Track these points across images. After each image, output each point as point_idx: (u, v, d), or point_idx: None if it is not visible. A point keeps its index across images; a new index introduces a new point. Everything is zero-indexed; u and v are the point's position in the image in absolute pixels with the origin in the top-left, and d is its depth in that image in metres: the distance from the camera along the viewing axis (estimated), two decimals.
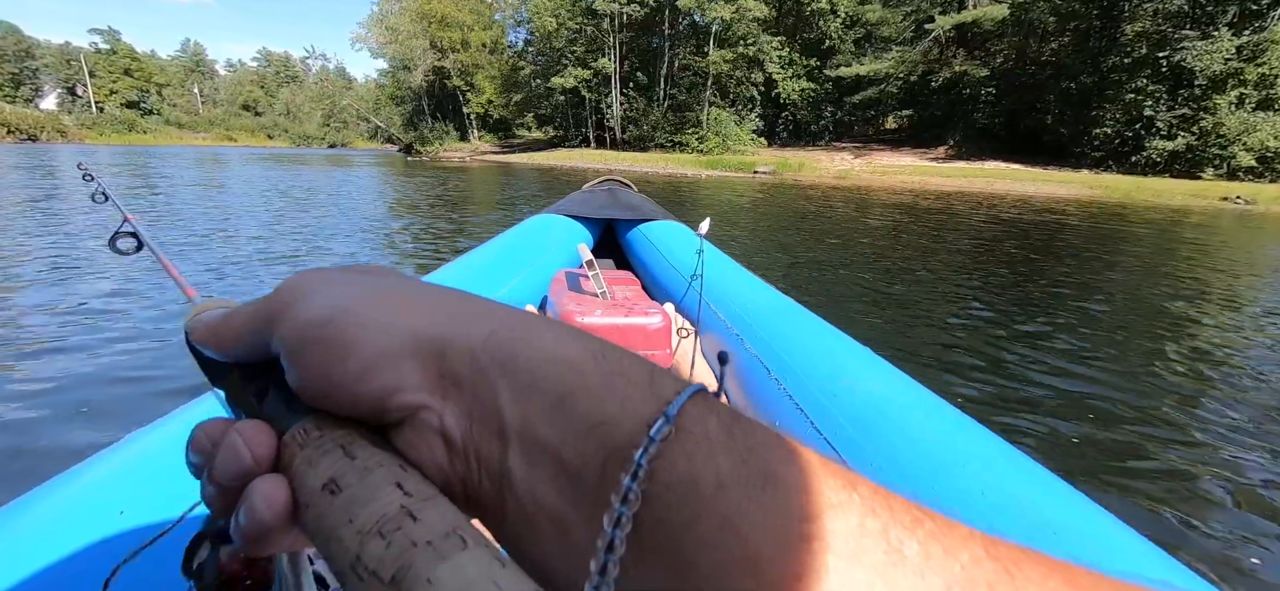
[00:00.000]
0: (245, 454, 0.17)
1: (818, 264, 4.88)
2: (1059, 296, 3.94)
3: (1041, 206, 11.51)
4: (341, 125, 65.56)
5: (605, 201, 2.50)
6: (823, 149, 28.62)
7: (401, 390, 0.17)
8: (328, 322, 0.18)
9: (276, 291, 0.20)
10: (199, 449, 0.19)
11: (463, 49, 38.88)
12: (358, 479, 0.16)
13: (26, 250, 3.76)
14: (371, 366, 0.17)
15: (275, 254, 4.31)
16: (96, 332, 2.38)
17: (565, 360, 0.17)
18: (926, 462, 0.68)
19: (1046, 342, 2.85)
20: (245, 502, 0.17)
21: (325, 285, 0.19)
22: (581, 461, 0.16)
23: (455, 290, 0.20)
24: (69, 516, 0.53)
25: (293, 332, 0.18)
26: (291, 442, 0.17)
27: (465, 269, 1.56)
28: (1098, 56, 22.04)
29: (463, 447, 0.17)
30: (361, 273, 0.21)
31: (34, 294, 2.87)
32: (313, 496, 0.16)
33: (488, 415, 0.17)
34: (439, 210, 7.83)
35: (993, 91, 25.38)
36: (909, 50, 27.17)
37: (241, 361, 0.21)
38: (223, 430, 0.18)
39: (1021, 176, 19.38)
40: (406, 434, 0.18)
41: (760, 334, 1.16)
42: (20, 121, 42.13)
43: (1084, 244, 6.69)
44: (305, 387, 0.18)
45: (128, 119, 64.29)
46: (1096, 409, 2.11)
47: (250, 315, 0.20)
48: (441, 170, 19.85)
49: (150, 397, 1.85)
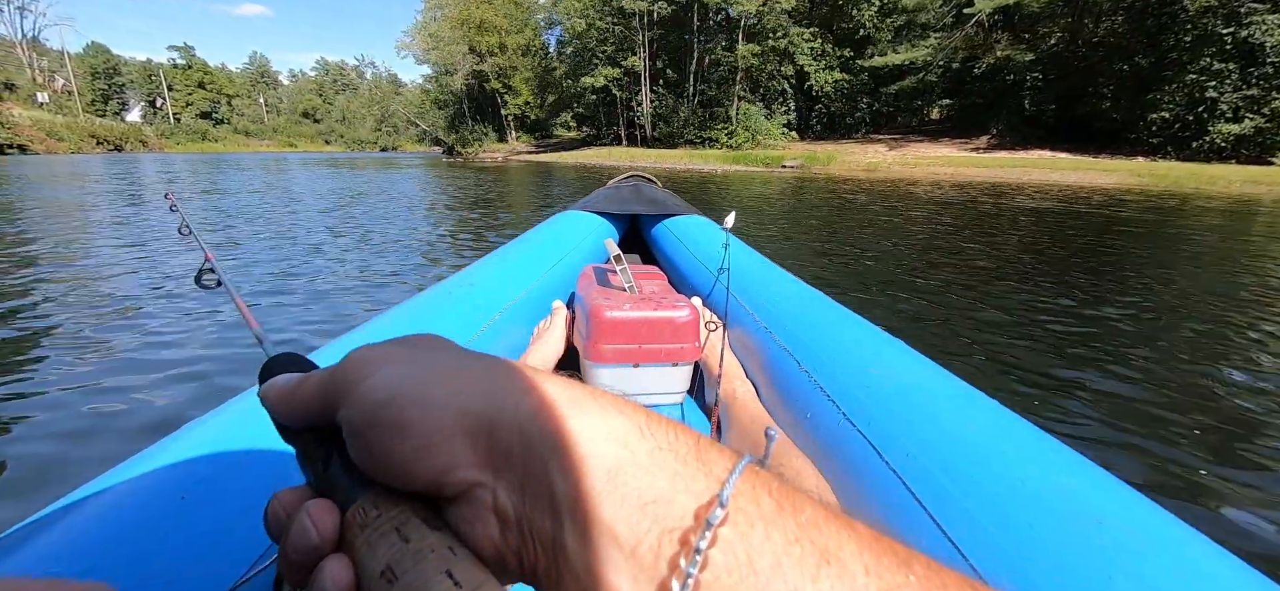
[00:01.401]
0: (313, 534, 0.18)
1: (830, 254, 4.85)
2: (1071, 292, 3.59)
3: (1066, 194, 10.85)
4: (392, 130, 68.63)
5: (630, 197, 2.48)
6: (858, 142, 27.83)
7: (455, 467, 0.18)
8: (387, 404, 0.19)
9: (341, 366, 0.21)
10: (274, 518, 0.20)
11: (500, 52, 39.91)
12: (413, 565, 0.17)
13: (113, 266, 3.97)
14: (427, 446, 0.18)
15: (330, 254, 4.61)
16: (161, 333, 2.55)
17: (613, 433, 0.18)
18: (963, 451, 0.66)
19: (1069, 342, 2.62)
20: (316, 582, 0.18)
21: (383, 363, 0.20)
22: (635, 538, 0.16)
23: (503, 361, 0.21)
24: (133, 500, 0.54)
25: (354, 413, 0.19)
26: (353, 521, 0.19)
27: (494, 266, 1.55)
28: (1156, 35, 20.52)
29: (516, 522, 0.18)
30: (416, 348, 0.21)
31: (109, 299, 3.09)
32: (372, 582, 0.17)
33: (539, 490, 0.17)
34: (470, 208, 8.18)
35: (1039, 77, 24.02)
36: (948, 36, 26.04)
37: (311, 426, 0.22)
38: (295, 502, 0.20)
39: (1062, 165, 18.30)
40: (461, 509, 0.18)
41: (789, 326, 1.13)
42: (108, 133, 46.19)
43: (1118, 234, 6.16)
44: (365, 464, 0.19)
45: (201, 129, 69.39)
46: (1152, 410, 1.96)
47: (316, 389, 0.21)
48: (478, 170, 20.49)
49: (212, 392, 1.99)
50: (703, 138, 29.66)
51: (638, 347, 1.14)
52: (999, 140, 24.38)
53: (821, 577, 0.14)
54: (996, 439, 0.68)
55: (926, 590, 0.14)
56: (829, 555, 0.15)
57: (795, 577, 0.14)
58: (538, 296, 1.47)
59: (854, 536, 0.15)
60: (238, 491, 0.57)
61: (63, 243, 4.77)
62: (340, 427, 0.20)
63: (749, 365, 1.21)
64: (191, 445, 0.61)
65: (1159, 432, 1.79)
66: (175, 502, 0.54)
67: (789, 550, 0.15)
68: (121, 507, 0.53)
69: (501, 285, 1.39)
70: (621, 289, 1.29)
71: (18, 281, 3.42)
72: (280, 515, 0.20)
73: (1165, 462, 1.63)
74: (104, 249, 4.49)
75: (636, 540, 0.16)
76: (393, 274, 3.91)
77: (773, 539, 0.15)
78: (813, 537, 0.15)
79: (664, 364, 1.16)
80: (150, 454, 0.61)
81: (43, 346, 2.43)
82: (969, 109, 26.70)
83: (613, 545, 0.16)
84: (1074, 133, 22.63)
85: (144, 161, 26.40)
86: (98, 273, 3.70)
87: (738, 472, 0.16)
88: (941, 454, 0.67)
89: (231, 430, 0.64)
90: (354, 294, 3.35)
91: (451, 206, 8.44)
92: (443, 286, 1.33)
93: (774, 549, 0.15)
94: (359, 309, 3.07)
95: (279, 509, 0.20)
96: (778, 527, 0.15)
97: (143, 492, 0.55)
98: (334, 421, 0.21)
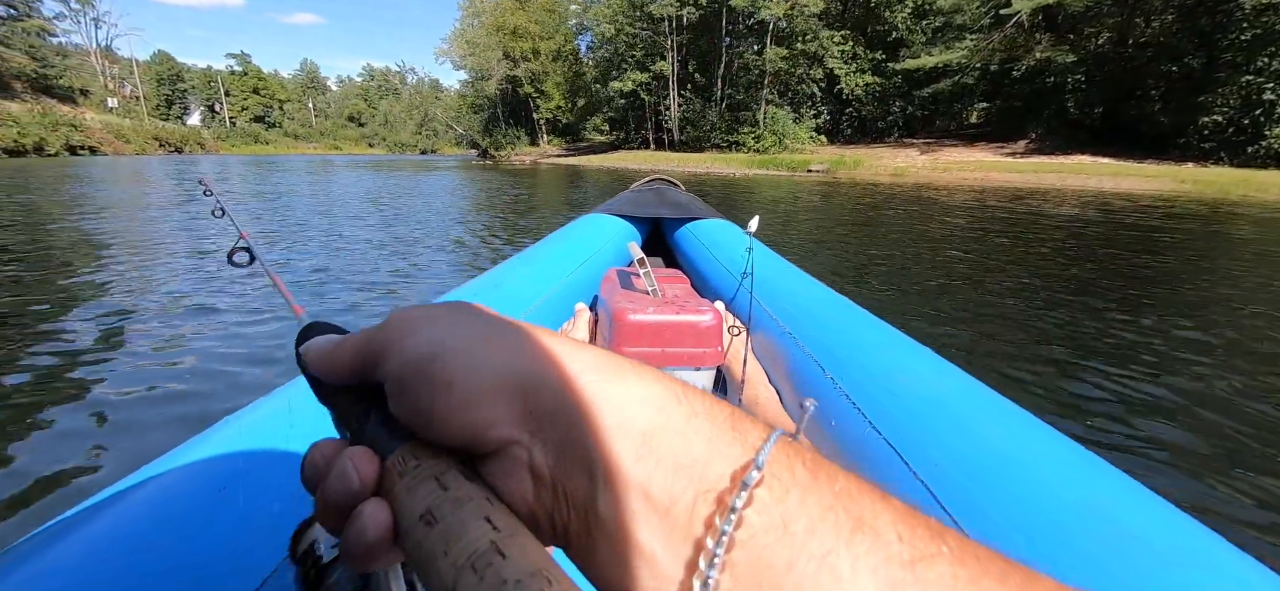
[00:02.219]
0: (353, 477, 0.19)
1: (832, 255, 4.90)
2: (1097, 299, 3.46)
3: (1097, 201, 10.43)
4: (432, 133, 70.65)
5: (652, 200, 2.47)
6: (889, 146, 27.28)
7: (495, 424, 0.18)
8: (433, 358, 0.19)
9: (384, 326, 0.21)
10: (313, 466, 0.21)
11: (533, 58, 40.73)
12: (452, 511, 0.17)
13: (158, 255, 4.29)
14: (469, 401, 0.18)
15: (370, 242, 4.97)
16: (203, 324, 2.65)
17: (649, 399, 0.18)
18: (993, 461, 0.64)
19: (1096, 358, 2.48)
20: (354, 523, 0.18)
21: (428, 323, 0.21)
22: (670, 499, 0.16)
23: (543, 329, 0.21)
24: (175, 492, 0.55)
25: (399, 366, 0.20)
26: (392, 469, 0.19)
27: (519, 268, 1.56)
28: (1209, 34, 19.47)
29: (550, 481, 0.18)
30: (458, 311, 0.22)
31: (154, 293, 3.20)
32: (412, 524, 0.17)
33: (574, 450, 0.18)
34: (497, 207, 8.55)
35: (1082, 79, 23.08)
36: (985, 38, 25.28)
37: (349, 386, 0.23)
38: (334, 452, 0.20)
39: (1101, 171, 17.55)
40: (496, 466, 0.19)
41: (813, 331, 1.12)
42: (169, 136, 49.15)
43: (1152, 242, 5.84)
44: (408, 416, 0.20)
45: (254, 132, 73.10)
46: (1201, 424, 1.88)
47: (358, 347, 0.22)
48: (508, 172, 21.13)
49: (255, 383, 2.07)
50: (730, 142, 29.60)
51: (661, 351, 1.13)
52: (1038, 144, 23.51)
53: (856, 542, 0.14)
54: (1028, 450, 0.66)
55: (959, 559, 0.14)
56: (863, 523, 0.15)
57: (830, 540, 0.14)
58: (561, 298, 1.47)
59: (888, 507, 0.15)
60: (274, 483, 0.58)
61: (117, 238, 5.08)
62: (378, 385, 0.21)
63: (772, 371, 1.20)
64: (229, 439, 0.63)
65: (1200, 448, 1.71)
66: (215, 494, 0.55)
67: (824, 516, 0.15)
68: (164, 499, 0.55)
69: (526, 287, 1.40)
70: (645, 292, 1.28)
71: (77, 275, 3.66)
72: (319, 463, 0.20)
73: (1203, 476, 1.56)
74: (157, 243, 4.78)
75: (671, 500, 0.16)
76: (417, 266, 4.15)
77: (807, 504, 0.15)
78: (847, 505, 0.15)
79: (686, 368, 1.15)
80: (190, 446, 0.63)
81: (103, 331, 2.58)
82: (1008, 112, 25.86)
83: (647, 505, 0.16)
84: (1119, 137, 21.64)
85: (201, 162, 28.13)
86: (151, 262, 3.97)
87: (773, 441, 0.17)
88: (971, 463, 0.65)
89: (267, 424, 0.66)
90: (385, 285, 3.55)
91: (478, 206, 8.81)
92: (469, 287, 1.35)
93: (809, 513, 0.15)
94: (386, 297, 3.27)
95: (318, 456, 0.21)
96: (813, 494, 0.15)
97: (184, 484, 0.56)
98: (372, 379, 0.21)
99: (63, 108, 41.09)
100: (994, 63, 25.19)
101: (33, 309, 2.92)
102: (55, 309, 2.93)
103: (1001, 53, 24.91)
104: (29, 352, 2.33)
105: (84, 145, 36.51)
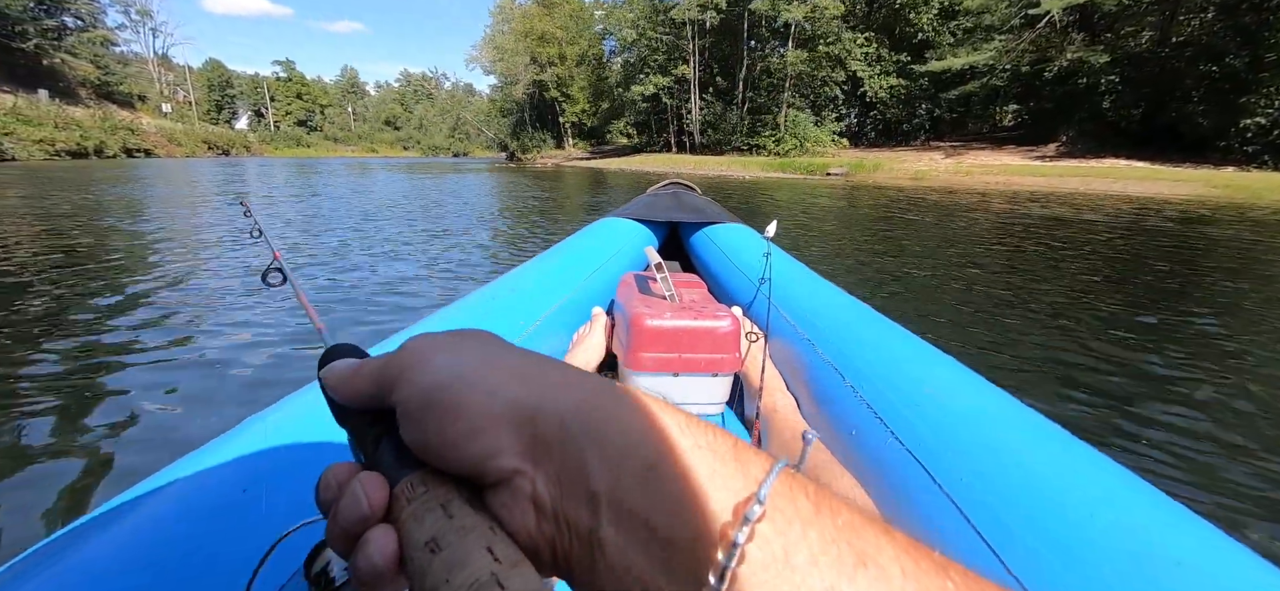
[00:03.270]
0: (363, 503, 0.20)
1: (835, 254, 4.95)
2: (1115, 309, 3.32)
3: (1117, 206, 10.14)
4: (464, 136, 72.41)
5: (669, 204, 2.46)
6: (914, 149, 26.80)
7: (499, 453, 0.19)
8: (443, 387, 0.20)
9: (398, 353, 0.22)
10: (326, 488, 0.22)
11: (559, 62, 41.45)
12: (456, 539, 0.18)
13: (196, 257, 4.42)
14: (475, 431, 0.19)
15: (394, 239, 5.17)
16: (228, 333, 2.68)
17: (653, 430, 0.18)
18: (1025, 481, 0.61)
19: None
20: (362, 549, 0.19)
21: (440, 352, 0.22)
22: (672, 530, 0.16)
23: (550, 359, 0.22)
24: (197, 493, 0.56)
25: (410, 394, 0.21)
26: (401, 495, 0.20)
27: (535, 271, 1.55)
28: (1253, 33, 18.56)
29: (552, 513, 0.18)
30: (470, 340, 0.23)
31: (185, 297, 3.28)
32: (417, 551, 0.18)
33: (576, 481, 0.18)
34: (522, 207, 8.86)
35: (1115, 79, 22.26)
36: (1014, 38, 24.62)
37: (364, 410, 0.24)
38: (348, 476, 0.21)
39: (1131, 175, 16.92)
40: (500, 496, 0.19)
41: (833, 340, 1.09)
42: (217, 139, 51.75)
43: (1182, 250, 5.64)
44: (417, 443, 0.20)
45: (296, 135, 76.24)
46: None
47: (374, 373, 0.23)
48: (532, 174, 21.67)
49: (272, 387, 2.08)
50: (751, 145, 29.54)
51: (678, 357, 1.12)
52: (1070, 147, 22.77)
53: (858, 578, 0.14)
54: (1065, 470, 0.63)
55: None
56: (866, 557, 0.15)
57: (831, 576, 0.14)
58: (577, 303, 1.46)
59: (891, 541, 0.15)
60: (295, 485, 0.59)
61: (164, 238, 5.32)
62: (391, 412, 0.22)
63: (790, 378, 1.19)
64: (251, 440, 0.63)
65: (1259, 475, 1.60)
66: (237, 495, 0.56)
67: (826, 549, 0.15)
68: (187, 499, 0.55)
69: (542, 291, 1.40)
70: (662, 297, 1.27)
71: (124, 273, 3.85)
72: (332, 486, 0.21)
73: (1257, 504, 1.46)
74: (193, 246, 4.91)
75: (673, 533, 0.16)
76: (431, 263, 4.37)
77: (809, 538, 0.15)
78: (850, 539, 0.15)
79: (704, 374, 1.14)
80: (212, 447, 0.63)
81: (140, 327, 2.71)
82: (1040, 114, 25.11)
83: (649, 537, 0.16)
84: (1155, 139, 20.79)
85: (247, 164, 29.12)
86: (185, 265, 4.07)
87: (775, 474, 0.17)
88: (1002, 482, 0.62)
89: (289, 426, 0.67)
90: (410, 282, 3.74)
91: (504, 207, 9.12)
92: (486, 290, 1.35)
93: (810, 547, 0.15)
94: (405, 291, 3.43)
95: (331, 480, 0.22)
96: (815, 527, 0.15)
97: (206, 486, 0.57)
98: (387, 405, 0.22)
99: (122, 112, 43.81)
100: (1024, 64, 24.51)
101: (77, 302, 3.10)
102: (95, 305, 3.05)
103: (1031, 53, 24.22)
104: (77, 339, 2.49)
105: (140, 148, 38.75)
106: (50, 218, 6.39)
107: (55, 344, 2.49)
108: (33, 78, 37.86)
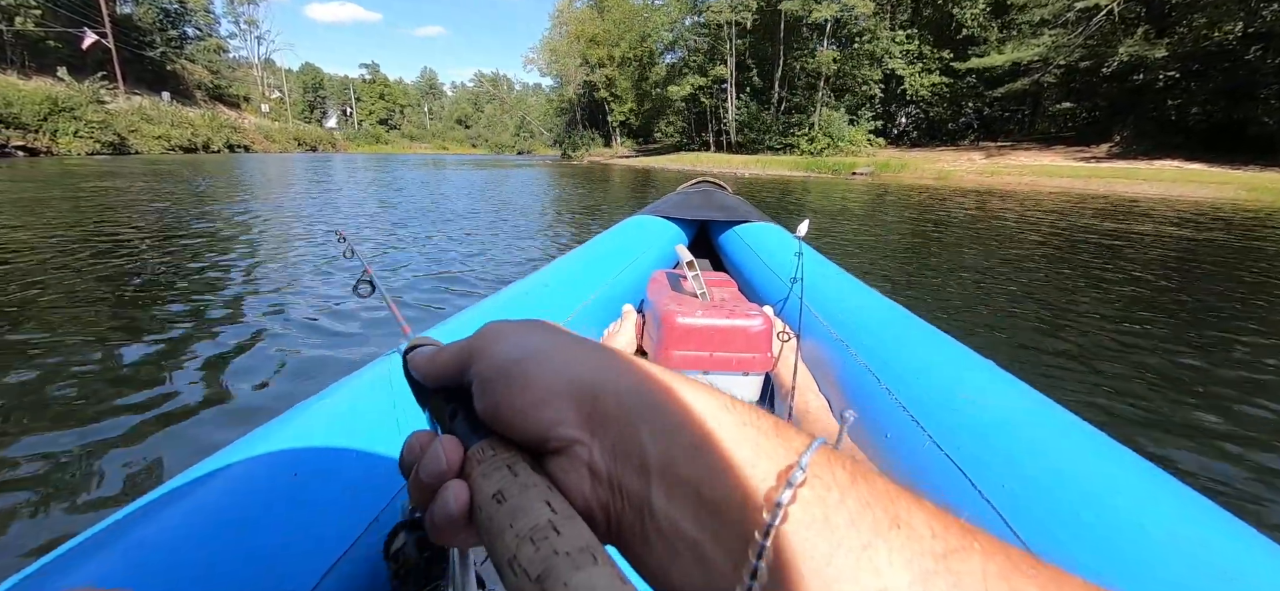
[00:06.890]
0: (442, 460, 0.22)
1: (834, 255, 4.87)
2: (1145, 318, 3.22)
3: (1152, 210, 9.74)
4: (529, 134, 75.76)
5: (700, 202, 2.48)
6: (958, 149, 25.91)
7: (561, 423, 0.21)
8: (517, 362, 0.23)
9: (477, 335, 0.25)
10: (409, 451, 0.25)
11: (608, 64, 42.87)
12: (519, 493, 0.20)
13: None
14: (541, 401, 0.22)
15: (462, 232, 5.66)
16: (314, 319, 2.79)
17: (702, 408, 0.20)
18: (1067, 487, 0.59)
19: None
20: (440, 498, 0.22)
21: (513, 333, 0.24)
22: (719, 496, 0.18)
23: (609, 347, 0.24)
24: (251, 476, 0.58)
25: (485, 367, 0.24)
26: (473, 457, 0.22)
27: (568, 267, 1.57)
28: None
29: (607, 479, 0.20)
30: (538, 326, 0.25)
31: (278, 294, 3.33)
32: (485, 502, 0.20)
33: (630, 452, 0.20)
34: (559, 199, 9.57)
35: (1176, 76, 20.65)
36: (1066, 33, 23.27)
37: (443, 388, 0.27)
38: (429, 441, 0.24)
39: (1177, 178, 15.83)
40: (560, 462, 0.21)
41: (867, 341, 1.08)
42: (307, 136, 57.22)
43: (1218, 258, 5.30)
44: (488, 412, 0.23)
45: (376, 133, 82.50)
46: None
47: (454, 354, 0.26)
48: (577, 171, 22.80)
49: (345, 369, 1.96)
50: (784, 144, 29.57)
51: (709, 355, 1.12)
52: (1123, 147, 21.37)
53: (892, 536, 0.16)
54: (1111, 478, 0.60)
55: (989, 555, 0.16)
56: (899, 520, 0.16)
57: (867, 534, 0.16)
58: (608, 300, 1.48)
59: (922, 507, 0.17)
60: (343, 470, 0.62)
61: (258, 230, 5.62)
62: (466, 391, 0.25)
63: (822, 379, 1.17)
64: (302, 426, 0.66)
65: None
66: (288, 479, 0.59)
67: (862, 512, 0.16)
68: (240, 482, 0.58)
69: (574, 288, 1.42)
70: (693, 295, 1.27)
71: (220, 256, 4.14)
72: (415, 448, 0.24)
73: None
74: (284, 243, 5.07)
75: (720, 497, 0.18)
76: (475, 252, 4.74)
77: (847, 503, 0.17)
78: (884, 505, 0.17)
79: (734, 373, 1.14)
80: (265, 432, 0.66)
81: (228, 309, 2.93)
82: (1092, 113, 23.63)
83: (698, 503, 0.18)
84: (1219, 140, 19.20)
85: (333, 160, 31.72)
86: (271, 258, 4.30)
87: (814, 449, 0.18)
88: (1045, 489, 0.61)
89: (339, 413, 0.70)
90: (461, 271, 4.04)
91: (548, 197, 9.91)
92: (519, 285, 1.37)
93: (848, 510, 0.16)
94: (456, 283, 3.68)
95: (415, 443, 0.25)
96: (852, 494, 0.17)
97: (259, 469, 0.60)
98: (464, 382, 0.25)
99: (228, 112, 49.54)
100: (1075, 59, 23.13)
101: (175, 289, 3.32)
102: (192, 295, 3.21)
103: (1082, 49, 22.83)
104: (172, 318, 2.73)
105: (240, 144, 43.75)
106: (161, 205, 7.22)
107: (157, 310, 2.81)
108: (158, 80, 43.71)
